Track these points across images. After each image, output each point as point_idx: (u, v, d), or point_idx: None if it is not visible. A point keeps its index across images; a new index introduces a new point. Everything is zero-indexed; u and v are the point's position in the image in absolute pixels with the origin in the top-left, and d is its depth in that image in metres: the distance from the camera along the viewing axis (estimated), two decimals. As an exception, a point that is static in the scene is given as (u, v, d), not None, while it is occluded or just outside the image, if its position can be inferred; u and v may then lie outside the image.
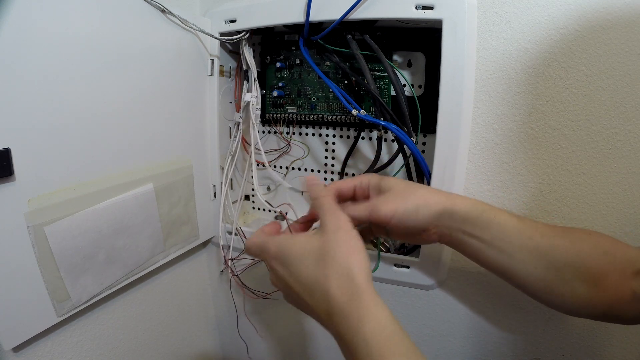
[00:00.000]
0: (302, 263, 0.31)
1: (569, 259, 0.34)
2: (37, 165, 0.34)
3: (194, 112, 0.53)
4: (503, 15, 0.41)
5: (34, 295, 0.35)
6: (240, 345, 0.63)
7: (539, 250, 0.34)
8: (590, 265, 0.34)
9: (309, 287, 0.31)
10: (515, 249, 0.35)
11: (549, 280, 0.34)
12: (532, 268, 0.35)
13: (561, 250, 0.34)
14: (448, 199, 0.36)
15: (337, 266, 0.30)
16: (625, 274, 0.32)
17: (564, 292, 0.34)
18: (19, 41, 0.31)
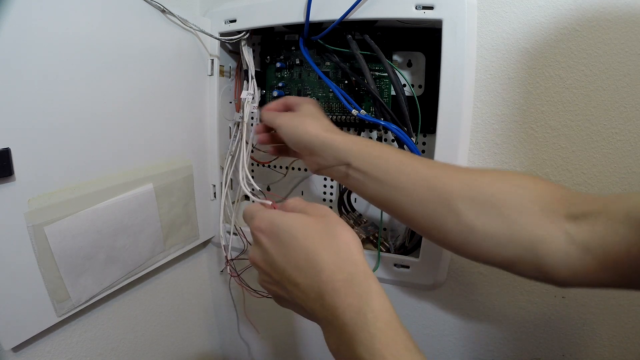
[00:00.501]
0: (292, 235, 0.28)
1: (462, 190, 0.31)
2: (37, 165, 0.34)
3: (194, 112, 0.53)
4: (503, 15, 0.41)
5: (34, 295, 0.35)
6: (240, 345, 0.63)
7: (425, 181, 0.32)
8: (493, 195, 0.30)
9: (296, 261, 0.28)
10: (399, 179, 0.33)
11: (438, 213, 0.32)
12: (416, 197, 0.32)
13: (452, 180, 0.32)
14: (327, 133, 0.38)
15: (334, 242, 0.27)
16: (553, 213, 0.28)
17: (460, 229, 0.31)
18: (19, 41, 0.31)
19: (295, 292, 0.28)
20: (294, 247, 0.28)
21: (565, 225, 0.28)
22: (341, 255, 0.27)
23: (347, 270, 0.26)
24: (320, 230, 0.28)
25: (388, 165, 0.34)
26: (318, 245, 0.27)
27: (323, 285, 0.26)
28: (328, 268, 0.26)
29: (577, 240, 0.27)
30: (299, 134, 0.39)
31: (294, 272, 0.28)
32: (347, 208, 0.54)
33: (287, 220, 0.29)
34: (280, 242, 0.29)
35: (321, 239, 0.28)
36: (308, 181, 0.59)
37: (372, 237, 0.52)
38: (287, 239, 0.28)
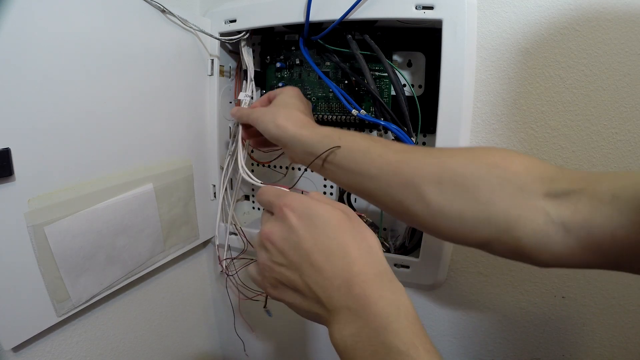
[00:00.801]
0: (327, 222, 0.27)
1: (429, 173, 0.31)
2: (37, 165, 0.34)
3: (194, 112, 0.53)
4: (503, 15, 0.41)
5: (34, 295, 0.35)
6: (237, 343, 0.63)
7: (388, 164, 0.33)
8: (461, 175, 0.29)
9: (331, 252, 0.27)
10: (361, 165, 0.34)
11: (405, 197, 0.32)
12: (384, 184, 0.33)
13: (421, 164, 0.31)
14: (296, 127, 0.39)
15: (365, 241, 0.27)
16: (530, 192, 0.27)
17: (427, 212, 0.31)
18: (20, 41, 0.31)
19: (314, 277, 0.27)
20: (328, 234, 0.27)
21: (543, 204, 0.26)
22: (372, 255, 0.27)
23: (377, 268, 0.27)
24: (352, 228, 0.28)
25: (355, 155, 0.35)
26: (351, 240, 0.27)
27: (354, 276, 0.26)
28: (360, 262, 0.26)
29: (557, 220, 0.26)
30: (270, 128, 0.40)
31: (322, 257, 0.27)
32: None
33: (321, 207, 0.28)
34: (313, 226, 0.28)
35: (353, 235, 0.28)
36: (308, 181, 0.59)
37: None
38: (322, 225, 0.28)
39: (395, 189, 0.32)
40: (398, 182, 0.32)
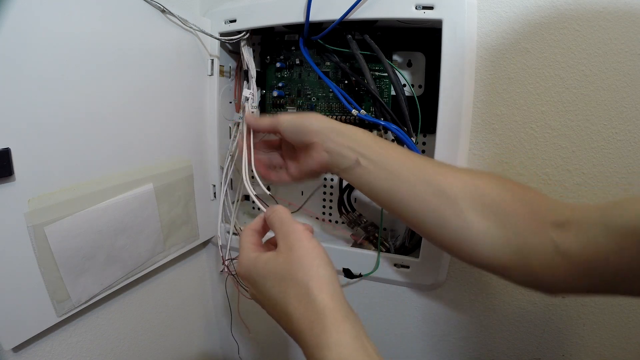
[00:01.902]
0: (264, 283, 0.31)
1: (461, 187, 0.32)
2: (37, 165, 0.34)
3: (194, 112, 0.53)
4: (503, 15, 0.41)
5: (34, 295, 0.35)
6: (233, 345, 0.64)
7: (425, 173, 0.33)
8: (490, 197, 0.31)
9: (274, 307, 0.30)
10: (398, 167, 0.34)
11: (438, 207, 0.32)
12: (418, 191, 0.33)
13: (452, 177, 0.32)
14: (338, 124, 0.39)
15: (296, 287, 0.28)
16: (541, 220, 0.29)
17: (460, 225, 0.31)
18: (20, 41, 0.31)
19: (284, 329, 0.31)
20: (269, 296, 0.31)
21: (551, 233, 0.28)
22: (302, 303, 0.28)
23: (309, 319, 0.27)
24: (285, 275, 0.29)
25: (394, 158, 0.35)
26: (284, 294, 0.29)
27: (294, 333, 0.28)
28: (295, 318, 0.28)
29: (561, 248, 0.27)
30: (309, 123, 0.39)
31: (276, 316, 0.31)
32: (347, 208, 0.54)
33: (260, 270, 0.31)
34: (259, 291, 0.32)
35: (287, 285, 0.29)
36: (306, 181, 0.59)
37: (372, 237, 0.52)
38: (262, 288, 0.31)
39: (430, 199, 0.33)
40: (434, 192, 0.32)
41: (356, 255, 0.51)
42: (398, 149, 0.36)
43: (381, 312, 0.54)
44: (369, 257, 0.50)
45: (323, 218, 0.59)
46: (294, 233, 0.31)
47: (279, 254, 0.31)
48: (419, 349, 0.53)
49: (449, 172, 0.33)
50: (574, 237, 0.27)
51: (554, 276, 0.28)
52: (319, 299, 0.27)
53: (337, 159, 0.37)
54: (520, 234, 0.29)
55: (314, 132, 0.38)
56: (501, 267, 0.31)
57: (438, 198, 0.32)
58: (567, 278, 0.28)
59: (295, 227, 0.32)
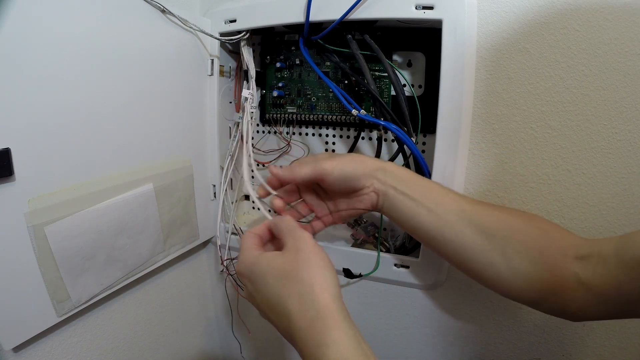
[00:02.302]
0: (265, 281, 0.31)
1: (500, 227, 0.34)
2: (37, 165, 0.34)
3: (194, 112, 0.53)
4: (503, 15, 0.41)
5: (34, 295, 0.35)
6: (234, 344, 0.63)
7: (466, 213, 0.35)
8: (525, 236, 0.33)
9: (271, 306, 0.31)
10: (442, 208, 0.35)
11: (479, 246, 0.34)
12: (461, 232, 0.34)
13: (491, 216, 0.34)
14: (380, 161, 0.40)
15: (299, 285, 0.29)
16: (566, 255, 0.31)
17: (495, 262, 0.33)
18: (20, 41, 0.31)
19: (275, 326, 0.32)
20: (268, 293, 0.31)
21: (574, 266, 0.31)
22: (303, 300, 0.29)
23: (309, 316, 0.28)
24: (290, 272, 0.30)
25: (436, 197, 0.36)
26: (286, 290, 0.30)
27: (292, 331, 0.29)
28: (294, 316, 0.28)
29: (583, 280, 0.30)
30: (361, 169, 0.38)
31: (272, 315, 0.31)
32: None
33: (262, 267, 0.32)
34: (257, 289, 0.32)
35: (289, 283, 0.30)
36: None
37: (372, 237, 0.52)
38: (262, 285, 0.32)
39: (468, 236, 0.34)
40: (475, 232, 0.34)
41: (356, 255, 0.51)
42: (437, 187, 0.38)
43: (381, 312, 0.54)
44: (369, 257, 0.50)
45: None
46: (302, 238, 0.32)
47: (285, 253, 0.32)
48: (419, 348, 0.53)
49: (485, 211, 0.35)
50: (592, 269, 0.30)
51: (577, 305, 0.31)
52: (321, 299, 0.28)
53: (384, 199, 0.38)
54: (549, 270, 0.32)
55: (365, 176, 0.38)
56: (532, 299, 0.34)
57: (481, 238, 0.34)
58: (588, 306, 0.30)
59: (304, 233, 0.33)
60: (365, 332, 0.28)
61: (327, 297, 0.28)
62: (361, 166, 0.38)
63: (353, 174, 0.38)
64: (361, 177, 0.38)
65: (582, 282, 0.30)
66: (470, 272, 0.36)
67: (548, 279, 0.32)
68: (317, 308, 0.28)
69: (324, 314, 0.27)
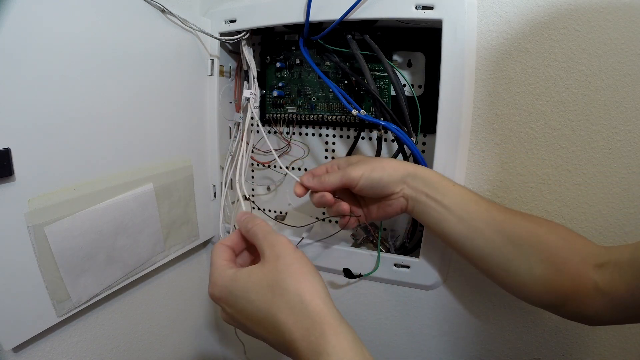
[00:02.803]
0: (247, 299, 0.29)
1: (527, 236, 0.35)
2: (37, 165, 0.34)
3: (194, 112, 0.53)
4: (503, 15, 0.41)
5: (34, 295, 0.35)
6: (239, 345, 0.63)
7: (496, 222, 0.36)
8: (550, 245, 0.34)
9: (259, 321, 0.29)
10: (473, 217, 0.36)
11: (507, 254, 0.35)
12: (490, 239, 0.35)
13: (519, 226, 0.35)
14: (411, 166, 0.40)
15: (287, 295, 0.28)
16: (586, 263, 0.33)
17: (521, 269, 0.34)
18: (20, 41, 0.31)
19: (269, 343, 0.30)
20: (253, 311, 0.29)
21: (593, 274, 0.32)
22: (295, 310, 0.27)
23: (303, 326, 0.27)
24: (273, 284, 0.29)
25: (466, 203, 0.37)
26: (273, 304, 0.28)
27: (287, 343, 0.27)
28: (287, 328, 0.27)
29: (601, 287, 0.31)
30: (387, 175, 0.39)
31: (262, 331, 0.30)
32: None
33: (240, 285, 0.30)
34: (240, 309, 0.30)
35: (274, 296, 0.28)
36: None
37: (372, 237, 0.52)
38: (245, 305, 0.30)
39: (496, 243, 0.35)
40: (504, 240, 0.35)
41: (356, 255, 0.51)
42: (466, 192, 0.38)
43: (381, 313, 0.54)
44: (369, 257, 0.50)
45: (323, 218, 0.59)
46: (280, 243, 0.31)
47: (265, 264, 0.30)
48: (419, 349, 0.53)
49: (514, 220, 0.36)
50: (609, 276, 0.31)
51: (594, 311, 0.32)
52: (313, 305, 0.27)
53: (413, 204, 0.39)
54: (571, 278, 0.33)
55: (394, 182, 0.39)
56: (552, 304, 0.35)
57: (508, 247, 0.35)
58: (605, 312, 0.32)
59: (280, 237, 0.32)
60: (365, 333, 0.28)
61: (319, 303, 0.27)
62: (390, 172, 0.39)
63: (380, 181, 0.39)
64: (390, 183, 0.39)
65: (600, 288, 0.31)
66: (494, 277, 0.38)
67: (569, 286, 0.33)
68: (310, 316, 0.27)
69: (319, 320, 0.27)
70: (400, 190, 0.39)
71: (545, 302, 0.35)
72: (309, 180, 0.41)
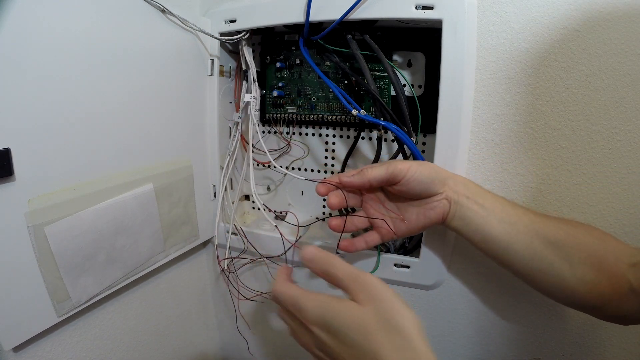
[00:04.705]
0: (357, 335, 0.28)
1: (566, 237, 0.35)
2: (37, 165, 0.34)
3: (194, 112, 0.53)
4: (503, 15, 0.41)
5: (34, 295, 0.35)
6: (240, 343, 0.63)
7: (534, 224, 0.35)
8: (588, 246, 0.34)
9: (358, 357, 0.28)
10: (513, 219, 0.36)
11: (547, 256, 0.35)
12: (531, 243, 0.35)
13: (557, 227, 0.35)
14: (449, 171, 0.40)
15: (393, 338, 0.27)
16: (621, 263, 0.33)
17: (564, 271, 0.34)
18: (20, 41, 0.31)
19: None
20: (356, 347, 0.27)
21: (627, 273, 0.33)
22: (403, 352, 0.27)
23: None
24: (377, 323, 0.27)
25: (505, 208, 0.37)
26: (379, 344, 0.27)
27: None
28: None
29: (634, 286, 0.32)
30: (436, 172, 0.38)
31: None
32: (347, 209, 0.54)
33: (340, 317, 0.28)
34: (340, 342, 0.28)
35: (381, 335, 0.27)
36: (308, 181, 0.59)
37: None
38: (346, 339, 0.28)
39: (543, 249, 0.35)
40: (543, 242, 0.35)
41: (356, 255, 0.51)
42: (504, 199, 0.38)
43: (381, 312, 0.54)
44: (369, 257, 0.50)
45: (323, 218, 0.59)
46: (372, 285, 0.30)
47: (364, 305, 0.29)
48: None
49: (551, 223, 0.36)
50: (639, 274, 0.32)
51: (628, 311, 0.33)
52: (421, 347, 0.27)
53: (456, 208, 0.37)
54: (608, 277, 0.33)
55: (439, 181, 0.38)
56: (592, 305, 0.35)
57: (548, 249, 0.35)
58: (633, 310, 0.32)
59: (371, 278, 0.30)
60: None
61: (425, 345, 0.27)
62: (435, 170, 0.38)
63: (429, 176, 0.37)
64: (436, 180, 0.37)
65: (633, 288, 0.32)
66: (535, 283, 0.37)
67: (606, 286, 0.33)
68: (418, 354, 0.27)
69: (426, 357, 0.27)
70: (443, 191, 0.38)
71: (588, 304, 0.35)
72: (346, 176, 0.39)
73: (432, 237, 0.46)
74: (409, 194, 0.38)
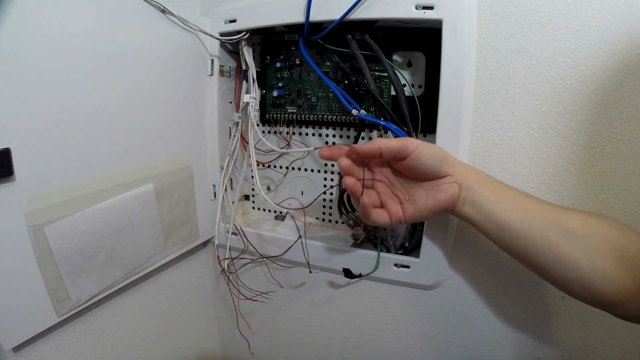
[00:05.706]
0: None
1: (582, 225, 0.33)
2: (37, 165, 0.34)
3: (194, 112, 0.53)
4: (503, 15, 0.41)
5: (34, 295, 0.35)
6: (241, 343, 0.63)
7: (550, 213, 0.34)
8: (605, 235, 0.32)
9: None
10: (527, 208, 0.34)
11: (564, 246, 0.33)
12: (546, 231, 0.33)
13: (571, 215, 0.34)
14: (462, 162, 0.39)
15: None
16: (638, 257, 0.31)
17: (581, 262, 0.32)
18: (20, 41, 0.31)
19: None
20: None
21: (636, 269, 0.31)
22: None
23: None
24: None
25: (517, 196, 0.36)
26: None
27: None
28: None
29: None
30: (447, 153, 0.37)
31: None
32: (347, 208, 0.54)
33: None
34: None
35: None
36: (308, 181, 0.59)
37: (372, 237, 0.52)
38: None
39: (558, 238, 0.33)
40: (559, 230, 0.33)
41: (356, 255, 0.51)
42: (516, 189, 0.37)
43: (381, 312, 0.54)
44: (369, 257, 0.50)
45: (323, 218, 0.59)
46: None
47: None
48: (419, 348, 0.53)
49: (566, 212, 0.34)
50: None
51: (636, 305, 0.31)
52: None
53: (466, 192, 0.36)
54: (630, 271, 0.31)
55: (450, 162, 0.37)
56: (612, 301, 0.32)
57: (565, 239, 0.33)
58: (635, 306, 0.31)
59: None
60: (365, 333, 0.28)
61: None
62: (445, 152, 0.37)
63: (439, 154, 0.37)
64: (446, 161, 0.36)
65: None
66: (551, 276, 0.35)
67: (627, 280, 0.31)
68: None
69: None
70: (453, 174, 0.36)
71: (607, 299, 0.32)
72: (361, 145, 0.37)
73: (432, 237, 0.46)
74: (419, 169, 0.37)
